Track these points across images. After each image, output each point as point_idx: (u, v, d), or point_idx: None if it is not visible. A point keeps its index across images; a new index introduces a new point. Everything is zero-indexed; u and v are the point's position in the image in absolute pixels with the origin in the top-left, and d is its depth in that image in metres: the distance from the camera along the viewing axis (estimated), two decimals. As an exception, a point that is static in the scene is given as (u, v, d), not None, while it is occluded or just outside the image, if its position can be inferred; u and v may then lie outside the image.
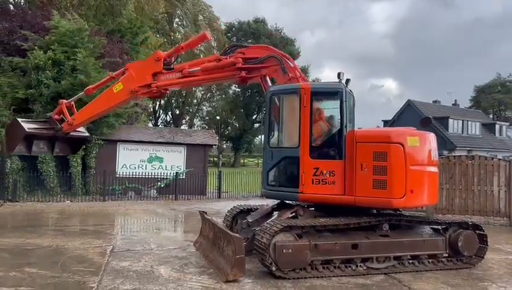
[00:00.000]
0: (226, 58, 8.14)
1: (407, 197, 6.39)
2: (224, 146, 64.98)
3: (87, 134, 10.72)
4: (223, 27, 47.38)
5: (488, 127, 43.75)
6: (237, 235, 6.32)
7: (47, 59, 15.75)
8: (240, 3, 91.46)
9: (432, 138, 7.06)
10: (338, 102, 6.89)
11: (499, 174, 11.49)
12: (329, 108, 7.18)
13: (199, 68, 8.33)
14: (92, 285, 5.66)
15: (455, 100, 47.04)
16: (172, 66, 8.77)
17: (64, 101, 9.71)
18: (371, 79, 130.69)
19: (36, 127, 9.66)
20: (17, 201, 14.21)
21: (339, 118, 6.90)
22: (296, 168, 6.84)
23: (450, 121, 39.23)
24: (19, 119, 9.69)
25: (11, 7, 21.36)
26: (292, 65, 7.72)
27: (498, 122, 46.00)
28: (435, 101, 44.91)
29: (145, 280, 5.94)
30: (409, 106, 40.67)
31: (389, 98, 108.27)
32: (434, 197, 7.13)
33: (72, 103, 9.77)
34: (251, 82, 8.36)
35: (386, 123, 42.27)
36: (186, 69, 8.43)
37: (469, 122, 41.14)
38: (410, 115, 39.88)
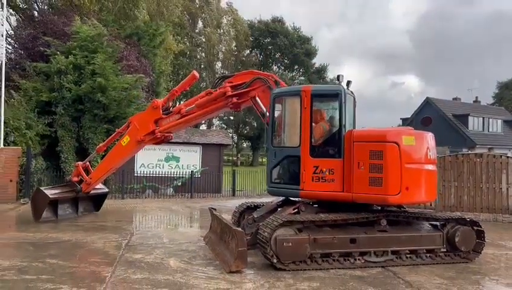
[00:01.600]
0: (216, 90, 8.74)
1: (403, 194, 6.67)
2: (244, 145, 65.43)
3: (106, 190, 11.66)
4: (247, 29, 48.09)
5: (511, 124, 42.92)
6: (239, 229, 6.74)
7: (68, 64, 16.50)
8: (256, 1, 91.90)
9: (429, 138, 7.31)
10: (337, 103, 7.24)
11: (508, 172, 11.56)
12: (329, 109, 7.50)
13: (194, 106, 9.03)
14: (106, 274, 6.16)
15: (476, 97, 46.22)
16: (171, 110, 9.52)
17: (80, 163, 10.64)
18: (391, 76, 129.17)
19: (58, 191, 10.56)
20: (42, 199, 14.94)
21: (338, 118, 7.23)
22: (297, 167, 7.22)
23: (470, 118, 38.67)
24: (42, 188, 10.48)
25: (36, 13, 22.31)
26: (278, 80, 8.30)
27: (521, 119, 45.06)
28: (454, 98, 44.26)
29: (154, 271, 6.41)
30: (428, 103, 40.28)
31: (410, 96, 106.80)
32: (432, 194, 7.38)
33: (87, 163, 10.69)
34: (244, 106, 8.97)
35: (405, 121, 41.97)
36: (183, 109, 9.19)
37: (490, 120, 40.46)
38: (429, 112, 39.49)
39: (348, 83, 7.49)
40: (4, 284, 5.75)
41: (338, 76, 7.24)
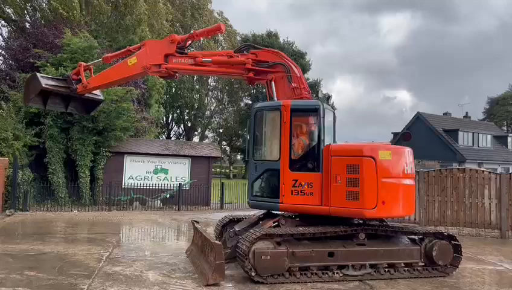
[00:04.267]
0: (238, 56, 8.52)
1: (379, 208, 6.76)
2: (238, 157, 65.46)
3: (101, 97, 10.93)
4: (239, 41, 48.54)
5: (500, 140, 43.38)
6: (218, 242, 6.78)
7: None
8: (249, 15, 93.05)
9: (407, 153, 7.42)
10: (316, 118, 7.36)
11: (490, 187, 11.71)
12: (308, 124, 7.61)
13: (210, 60, 8.56)
14: (83, 287, 6.17)
15: (466, 112, 46.81)
16: (185, 51, 9.00)
17: (83, 63, 10.10)
18: (384, 90, 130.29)
19: (53, 84, 9.88)
20: (28, 210, 14.89)
21: (317, 133, 7.34)
22: (277, 180, 7.30)
23: (460, 133, 39.06)
24: (38, 74, 9.97)
25: (27, 25, 22.43)
26: (299, 75, 8.10)
27: (510, 134, 45.56)
28: (445, 114, 44.77)
29: (132, 283, 6.43)
30: (419, 118, 40.70)
31: (401, 110, 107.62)
32: (410, 208, 7.46)
33: (91, 66, 10.11)
34: (257, 83, 8.81)
35: (396, 135, 42.31)
36: (199, 58, 8.66)
37: (480, 135, 40.89)
38: (420, 127, 39.93)
39: (328, 98, 7.63)
40: (-22, 296, 5.74)
41: (317, 91, 7.37)
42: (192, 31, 9.36)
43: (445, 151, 37.09)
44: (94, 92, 10.26)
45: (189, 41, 9.10)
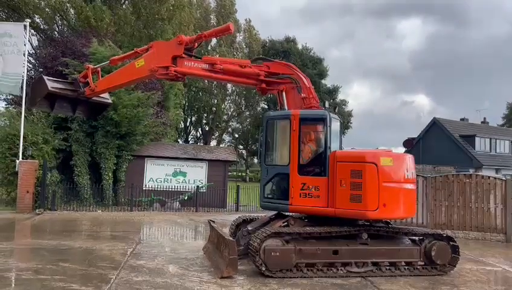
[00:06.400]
0: (251, 67, 8.86)
1: (380, 210, 7.34)
2: (255, 161, 66.14)
3: (109, 101, 10.75)
4: (260, 48, 49.41)
5: (519, 146, 43.03)
6: (231, 239, 7.47)
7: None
8: (262, 21, 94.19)
9: (407, 159, 7.99)
10: (323, 126, 7.99)
11: (495, 193, 12.10)
12: (316, 132, 8.25)
13: (224, 68, 8.67)
14: (111, 277, 6.92)
15: (484, 118, 46.59)
16: (193, 53, 8.91)
17: (91, 66, 9.94)
18: (401, 95, 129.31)
19: (60, 87, 9.70)
20: (56, 210, 15.85)
21: (324, 140, 7.98)
22: (287, 183, 7.95)
23: (477, 139, 39.02)
24: (45, 77, 9.82)
25: (56, 34, 23.66)
26: (308, 86, 8.70)
27: (529, 140, 45.07)
28: (462, 119, 44.68)
29: (154, 274, 7.16)
30: (435, 123, 40.77)
31: (419, 115, 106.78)
32: (410, 210, 8.03)
33: (99, 69, 9.89)
34: (270, 93, 9.40)
35: (412, 140, 42.37)
36: (218, 65, 8.60)
37: (497, 141, 40.74)
38: (437, 132, 40.02)
39: (335, 108, 8.26)
40: (22, 282, 6.57)
41: (324, 102, 8.04)
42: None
43: (462, 157, 37.08)
44: (102, 95, 10.14)
45: (197, 43, 9.01)
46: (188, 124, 53.06)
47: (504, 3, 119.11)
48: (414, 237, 8.14)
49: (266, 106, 55.36)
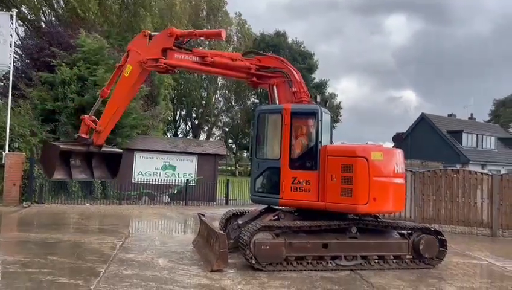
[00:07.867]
0: (242, 61, 8.79)
1: (370, 204, 7.41)
2: (244, 155, 66.12)
3: (119, 150, 10.48)
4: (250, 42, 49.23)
5: (505, 142, 43.67)
6: (222, 232, 7.47)
7: (72, 75, 17.34)
8: (250, 17, 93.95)
9: (397, 154, 8.06)
10: (314, 121, 8.01)
11: (482, 188, 12.28)
12: (307, 126, 8.26)
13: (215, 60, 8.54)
14: (101, 270, 6.87)
15: (471, 114, 47.14)
16: (184, 46, 8.72)
17: (86, 116, 9.26)
18: (389, 90, 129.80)
19: (69, 146, 9.16)
20: (43, 203, 15.65)
21: (315, 134, 7.99)
22: (277, 177, 7.97)
23: (464, 134, 39.46)
24: (51, 142, 9.63)
25: (43, 25, 23.27)
26: (299, 80, 8.67)
27: (515, 136, 45.85)
28: (450, 115, 45.14)
29: (144, 268, 7.13)
30: (423, 119, 41.14)
31: (406, 110, 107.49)
32: (399, 204, 8.13)
33: (93, 117, 9.20)
34: (261, 87, 9.39)
35: (402, 135, 42.74)
36: (209, 58, 8.45)
37: (484, 137, 41.25)
38: (424, 128, 40.41)
39: (326, 102, 8.28)
40: (9, 275, 6.48)
41: (315, 96, 8.03)
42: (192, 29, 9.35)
43: (449, 153, 37.51)
44: (110, 148, 9.79)
45: (187, 39, 8.89)
46: (177, 117, 52.77)
47: (486, 2, 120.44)
48: (402, 231, 8.23)
49: (257, 100, 55.34)
